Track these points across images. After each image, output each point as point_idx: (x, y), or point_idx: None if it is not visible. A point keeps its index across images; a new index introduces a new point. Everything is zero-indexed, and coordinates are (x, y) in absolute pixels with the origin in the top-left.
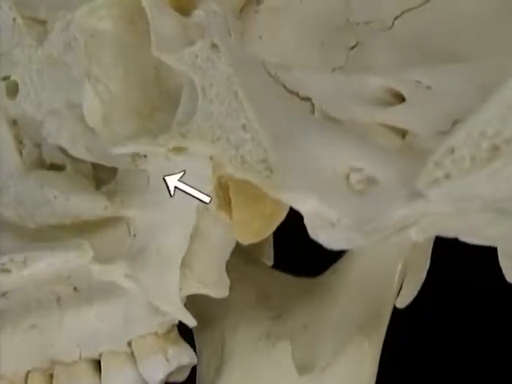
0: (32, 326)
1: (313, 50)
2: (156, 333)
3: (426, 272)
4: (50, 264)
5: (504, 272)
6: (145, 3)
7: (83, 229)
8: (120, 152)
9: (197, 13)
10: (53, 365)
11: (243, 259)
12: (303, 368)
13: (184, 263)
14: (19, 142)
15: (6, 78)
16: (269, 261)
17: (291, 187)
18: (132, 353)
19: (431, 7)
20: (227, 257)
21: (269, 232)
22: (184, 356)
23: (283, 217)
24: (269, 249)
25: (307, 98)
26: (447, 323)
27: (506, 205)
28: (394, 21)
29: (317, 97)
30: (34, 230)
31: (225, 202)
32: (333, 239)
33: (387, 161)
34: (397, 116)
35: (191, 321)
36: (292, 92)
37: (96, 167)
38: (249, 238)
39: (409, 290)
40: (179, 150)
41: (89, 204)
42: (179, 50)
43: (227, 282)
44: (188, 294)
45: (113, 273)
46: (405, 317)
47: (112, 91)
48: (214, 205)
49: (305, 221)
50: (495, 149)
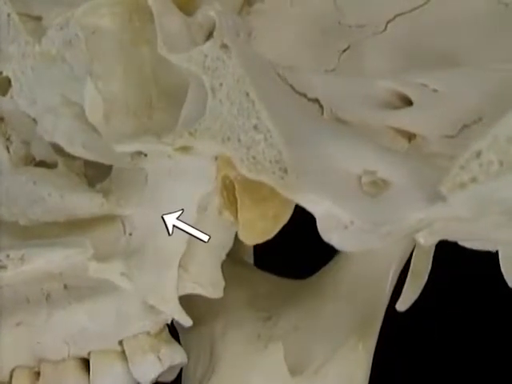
0: (18, 323)
1: (304, 52)
2: (148, 332)
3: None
4: (49, 261)
5: (505, 277)
6: (151, 2)
7: (76, 226)
8: (124, 150)
9: (206, 13)
10: (39, 362)
11: (231, 260)
12: (295, 369)
13: (180, 263)
14: (6, 139)
15: None
16: (249, 259)
17: (305, 188)
18: (123, 352)
19: (424, 11)
20: (223, 257)
21: (274, 232)
22: (176, 356)
23: (288, 217)
24: (250, 247)
25: (315, 100)
26: (446, 325)
27: None
28: (387, 24)
29: (325, 98)
30: (26, 227)
31: (229, 202)
32: (346, 241)
33: (400, 163)
34: (405, 119)
35: (187, 321)
36: (300, 93)
37: (87, 165)
38: (254, 239)
39: (410, 294)
40: (185, 150)
41: (85, 202)
42: (185, 50)
43: (222, 283)
44: (182, 294)
45: (108, 271)
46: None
47: (112, 89)
48: (219, 205)
49: (317, 222)
50: None
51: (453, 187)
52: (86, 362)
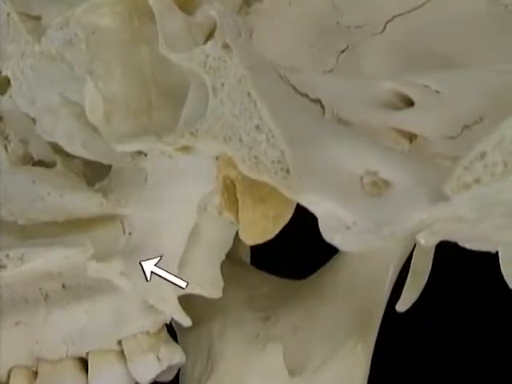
0: (17, 323)
1: (302, 53)
2: (148, 332)
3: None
4: (49, 260)
5: (505, 278)
6: (152, 2)
7: (76, 226)
8: (124, 150)
9: (208, 12)
10: (37, 362)
11: (229, 260)
12: (294, 370)
13: (179, 263)
14: (4, 138)
15: None
16: (246, 259)
17: (308, 188)
18: (122, 351)
19: (423, 12)
20: (222, 257)
21: (275, 232)
22: (175, 356)
23: (289, 217)
24: (247, 247)
25: (317, 100)
26: (445, 325)
27: None
28: (386, 25)
29: (327, 99)
30: (25, 227)
31: (230, 203)
32: (348, 241)
33: (402, 164)
34: (406, 120)
35: (187, 321)
36: (302, 94)
37: (85, 165)
38: (255, 239)
39: (410, 294)
40: (186, 150)
41: (84, 201)
42: (186, 50)
43: (221, 283)
44: (181, 294)
45: (108, 270)
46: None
47: (112, 89)
48: (220, 205)
49: (319, 223)
50: None
51: (457, 188)
52: (84, 362)
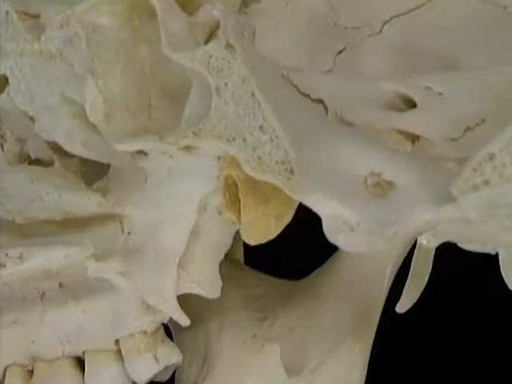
0: (14, 322)
1: (300, 53)
2: (145, 331)
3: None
4: (49, 259)
5: (506, 280)
6: (155, 1)
7: (74, 225)
8: (125, 149)
9: (210, 12)
10: (33, 361)
11: (225, 260)
12: (291, 370)
13: (179, 262)
14: (0, 137)
15: None
16: (240, 258)
17: (312, 189)
18: (119, 351)
19: (420, 14)
20: (221, 257)
21: (276, 233)
22: (172, 356)
23: (290, 218)
24: (240, 247)
25: (319, 101)
26: (444, 326)
27: None
28: (383, 26)
29: (330, 100)
30: (22, 225)
31: (231, 203)
32: (352, 242)
33: (406, 165)
34: (409, 121)
35: (185, 320)
36: (304, 94)
37: (82, 164)
38: (257, 239)
39: (410, 295)
40: (189, 149)
41: (83, 201)
42: (189, 50)
43: (220, 283)
44: (180, 294)
45: (106, 270)
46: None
47: (112, 88)
48: (221, 205)
49: (323, 223)
50: None
51: (465, 189)
52: (81, 362)
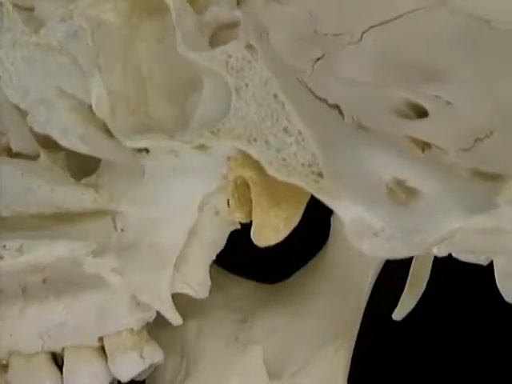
0: None
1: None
2: (132, 329)
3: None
4: (50, 252)
5: (501, 290)
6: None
7: (63, 219)
8: (136, 146)
9: (231, 12)
10: (10, 355)
11: None
12: (273, 373)
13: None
14: None
15: None
16: None
17: (341, 193)
18: (100, 348)
19: (401, 24)
20: (213, 258)
21: (284, 235)
22: (156, 355)
23: (298, 221)
24: None
25: (336, 106)
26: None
27: None
28: (362, 35)
29: (345, 105)
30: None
31: (240, 204)
32: (376, 248)
33: (430, 173)
34: (423, 129)
35: (178, 320)
36: (320, 99)
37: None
38: (267, 240)
39: (408, 302)
40: (202, 148)
41: (77, 196)
42: (204, 49)
43: (209, 283)
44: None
45: (101, 266)
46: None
47: (114, 84)
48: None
49: (346, 228)
50: None
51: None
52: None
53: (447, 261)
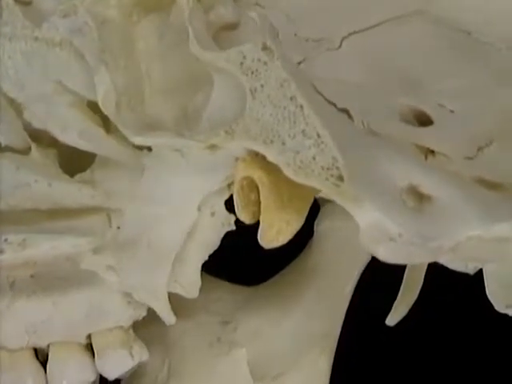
0: None
1: None
2: (122, 327)
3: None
4: (54, 247)
5: (491, 299)
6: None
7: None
8: (144, 143)
9: (248, 14)
10: None
11: None
12: (256, 375)
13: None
14: None
15: None
16: None
17: (362, 198)
18: (88, 345)
19: (379, 32)
20: (206, 258)
21: (289, 237)
22: (144, 353)
23: (300, 225)
24: None
25: (345, 110)
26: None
27: None
28: (342, 41)
29: (355, 110)
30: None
31: (244, 205)
32: (393, 254)
33: (445, 180)
34: (430, 136)
35: (172, 319)
36: (330, 102)
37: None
38: (272, 242)
39: (401, 308)
40: (214, 148)
41: (74, 192)
42: (215, 49)
43: (199, 283)
44: None
45: (97, 263)
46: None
47: (118, 81)
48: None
49: (361, 233)
50: None
51: None
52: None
53: (439, 267)
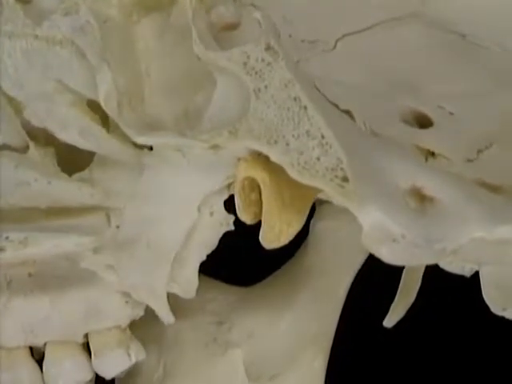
0: None
1: None
2: (120, 326)
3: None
4: (57, 246)
5: (487, 301)
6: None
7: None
8: (147, 142)
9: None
10: None
11: None
12: (251, 375)
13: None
14: None
15: None
16: None
17: (366, 199)
18: (84, 344)
19: (373, 34)
20: (204, 258)
21: (289, 239)
22: (140, 352)
23: (301, 227)
24: None
25: (347, 111)
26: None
27: None
28: (336, 43)
29: (356, 111)
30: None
31: (245, 205)
32: (396, 255)
33: (449, 182)
34: (431, 138)
35: (171, 318)
36: (332, 103)
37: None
38: (273, 242)
39: (398, 310)
40: (216, 148)
41: (74, 190)
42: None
43: (196, 284)
44: None
45: (97, 262)
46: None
47: (119, 80)
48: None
49: (363, 234)
50: None
51: None
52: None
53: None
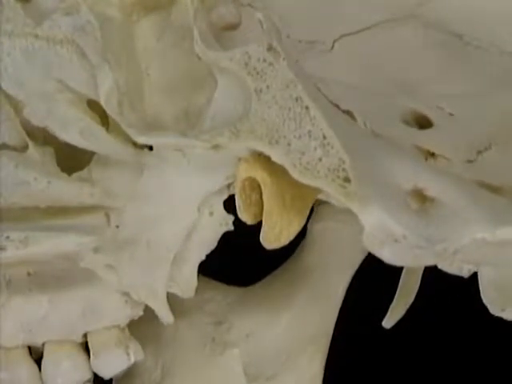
0: None
1: None
2: (119, 326)
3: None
4: (57, 245)
5: (485, 302)
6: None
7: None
8: (147, 142)
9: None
10: None
11: None
12: (249, 375)
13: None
14: None
15: None
16: None
17: (368, 199)
18: (83, 344)
19: (371, 35)
20: (203, 258)
21: (290, 239)
22: (139, 352)
23: (301, 227)
24: None
25: (348, 112)
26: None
27: None
28: (334, 43)
29: (357, 111)
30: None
31: (246, 205)
32: (397, 255)
33: (451, 184)
34: (431, 139)
35: (170, 318)
36: (334, 104)
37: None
38: (274, 243)
39: (397, 311)
40: (217, 148)
41: (74, 190)
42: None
43: (195, 283)
44: None
45: (97, 262)
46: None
47: (119, 80)
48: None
49: (365, 235)
50: None
51: None
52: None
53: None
